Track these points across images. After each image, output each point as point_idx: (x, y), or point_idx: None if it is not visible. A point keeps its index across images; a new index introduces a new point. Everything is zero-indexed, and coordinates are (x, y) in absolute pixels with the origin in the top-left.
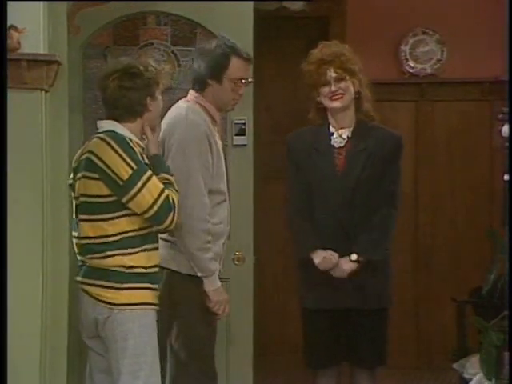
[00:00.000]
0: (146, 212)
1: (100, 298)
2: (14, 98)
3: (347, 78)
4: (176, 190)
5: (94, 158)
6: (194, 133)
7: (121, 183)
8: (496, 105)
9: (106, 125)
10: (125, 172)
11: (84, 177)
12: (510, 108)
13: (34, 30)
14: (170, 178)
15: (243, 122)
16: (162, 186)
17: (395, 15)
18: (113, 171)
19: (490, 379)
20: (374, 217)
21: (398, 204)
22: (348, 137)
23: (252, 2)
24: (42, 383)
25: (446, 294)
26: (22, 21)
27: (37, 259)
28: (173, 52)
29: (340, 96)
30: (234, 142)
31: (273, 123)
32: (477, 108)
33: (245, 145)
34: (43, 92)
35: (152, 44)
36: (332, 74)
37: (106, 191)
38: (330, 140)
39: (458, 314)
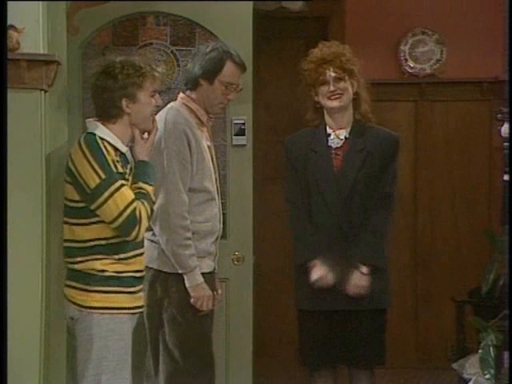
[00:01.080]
0: (111, 223)
1: (71, 299)
2: (13, 97)
3: (346, 78)
4: (153, 202)
5: (69, 163)
6: (170, 131)
7: (88, 191)
8: (495, 105)
9: (89, 125)
10: (92, 180)
11: (64, 179)
12: (509, 108)
13: (33, 30)
14: (148, 188)
15: (242, 121)
16: (131, 197)
17: (394, 15)
18: (82, 178)
19: (489, 379)
20: (372, 221)
21: (393, 206)
22: (345, 137)
23: (251, 2)
24: (41, 383)
25: (446, 293)
26: (21, 21)
27: (37, 259)
28: (172, 52)
29: (338, 96)
30: (234, 142)
31: (272, 123)
32: (476, 108)
33: (244, 145)
34: (42, 92)
35: (151, 44)
36: (332, 73)
37: (76, 197)
38: (327, 141)
39: (457, 314)
